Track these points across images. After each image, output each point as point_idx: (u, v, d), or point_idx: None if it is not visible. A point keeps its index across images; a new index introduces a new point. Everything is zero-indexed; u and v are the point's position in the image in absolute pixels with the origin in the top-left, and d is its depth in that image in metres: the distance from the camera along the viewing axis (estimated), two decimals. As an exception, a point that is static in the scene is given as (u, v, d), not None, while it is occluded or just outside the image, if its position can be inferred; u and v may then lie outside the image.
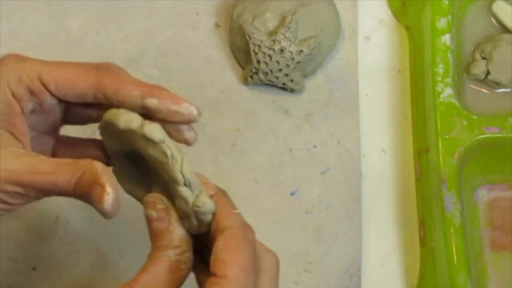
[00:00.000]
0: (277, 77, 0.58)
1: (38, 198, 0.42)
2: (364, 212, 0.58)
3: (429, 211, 0.55)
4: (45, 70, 0.42)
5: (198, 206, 0.39)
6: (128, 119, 0.40)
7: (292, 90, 0.60)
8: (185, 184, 0.39)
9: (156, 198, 0.41)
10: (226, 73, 0.61)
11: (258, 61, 0.58)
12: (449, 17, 0.58)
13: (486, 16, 0.62)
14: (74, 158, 0.41)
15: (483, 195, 0.58)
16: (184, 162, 0.39)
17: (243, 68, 0.61)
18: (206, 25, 0.62)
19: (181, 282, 0.40)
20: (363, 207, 0.58)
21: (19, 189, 0.41)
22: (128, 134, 0.40)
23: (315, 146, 0.59)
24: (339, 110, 0.60)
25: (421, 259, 0.57)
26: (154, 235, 0.40)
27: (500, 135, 0.55)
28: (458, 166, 0.54)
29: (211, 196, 0.40)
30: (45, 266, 0.55)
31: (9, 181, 0.40)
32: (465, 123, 0.55)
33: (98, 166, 0.40)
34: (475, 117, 0.56)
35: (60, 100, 0.43)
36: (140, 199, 0.43)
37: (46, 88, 0.42)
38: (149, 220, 0.40)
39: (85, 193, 0.40)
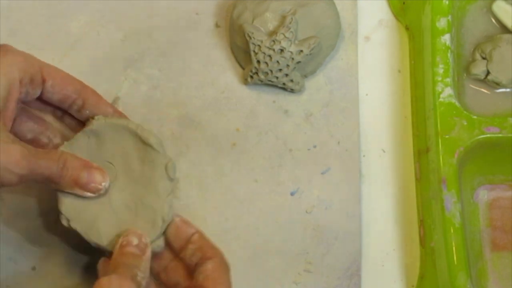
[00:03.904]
0: (277, 77, 0.58)
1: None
2: (364, 212, 0.58)
3: (429, 211, 0.55)
4: (45, 67, 0.49)
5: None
6: (126, 121, 0.52)
7: (292, 90, 0.60)
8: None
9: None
10: (226, 73, 0.61)
11: (258, 61, 0.58)
12: (449, 17, 0.58)
13: (486, 16, 0.62)
14: None
15: (483, 195, 0.59)
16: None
17: (243, 68, 0.61)
18: (206, 25, 0.62)
19: None
20: (363, 207, 0.58)
21: None
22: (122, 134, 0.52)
23: (315, 146, 0.59)
24: (339, 110, 0.60)
25: (421, 259, 0.57)
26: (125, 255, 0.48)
27: (500, 135, 0.55)
28: (458, 166, 0.54)
29: (193, 234, 0.50)
30: (45, 266, 0.55)
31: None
32: (465, 123, 0.55)
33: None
34: (475, 117, 0.56)
35: (41, 100, 0.50)
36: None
37: (43, 82, 0.49)
38: (127, 243, 0.48)
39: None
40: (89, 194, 0.50)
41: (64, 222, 0.51)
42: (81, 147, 0.51)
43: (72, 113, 0.52)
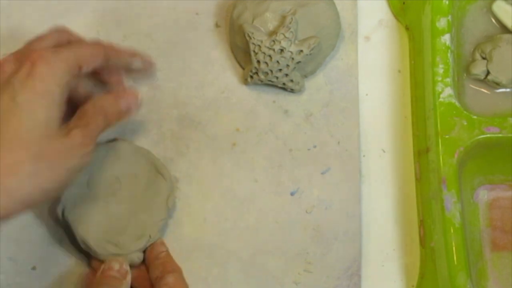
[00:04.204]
0: (277, 77, 0.58)
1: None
2: (364, 212, 0.58)
3: (429, 211, 0.55)
4: (78, 56, 0.50)
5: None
6: (147, 151, 0.57)
7: (292, 90, 0.60)
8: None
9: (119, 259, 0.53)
10: (226, 73, 0.61)
11: (258, 61, 0.58)
12: (449, 17, 0.58)
13: (486, 16, 0.62)
14: None
15: (483, 195, 0.59)
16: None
17: (243, 68, 0.61)
18: (206, 25, 0.62)
19: None
20: (363, 207, 0.58)
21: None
22: None
23: (315, 146, 0.59)
24: (339, 110, 0.60)
25: (421, 259, 0.57)
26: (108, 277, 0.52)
27: (500, 135, 0.55)
28: (458, 166, 0.54)
29: (162, 252, 0.54)
30: (45, 266, 0.55)
31: None
32: (465, 123, 0.55)
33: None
34: (475, 117, 0.56)
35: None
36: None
37: (79, 70, 0.50)
38: (109, 268, 0.52)
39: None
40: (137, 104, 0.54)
41: (59, 211, 0.54)
42: (97, 156, 0.54)
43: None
